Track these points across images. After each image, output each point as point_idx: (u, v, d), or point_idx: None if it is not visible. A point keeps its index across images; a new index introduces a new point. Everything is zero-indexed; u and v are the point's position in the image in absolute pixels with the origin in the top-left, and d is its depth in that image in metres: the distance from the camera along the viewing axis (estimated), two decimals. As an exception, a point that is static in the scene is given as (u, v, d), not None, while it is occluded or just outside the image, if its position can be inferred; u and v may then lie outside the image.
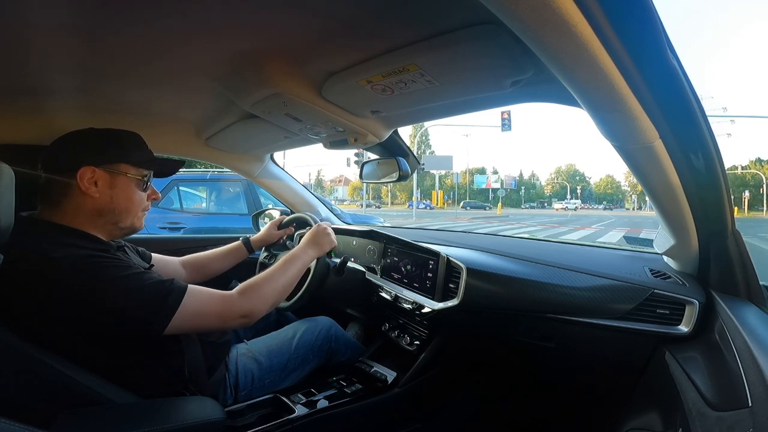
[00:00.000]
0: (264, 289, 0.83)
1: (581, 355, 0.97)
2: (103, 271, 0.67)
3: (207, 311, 0.75)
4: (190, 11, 0.58)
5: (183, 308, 0.70)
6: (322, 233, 1.05)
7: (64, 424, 0.60)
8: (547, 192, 68.93)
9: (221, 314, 0.76)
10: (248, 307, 0.80)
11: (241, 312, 0.79)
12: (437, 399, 1.21)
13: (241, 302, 0.79)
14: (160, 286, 0.71)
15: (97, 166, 0.74)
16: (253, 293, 0.82)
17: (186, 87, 0.91)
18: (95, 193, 0.74)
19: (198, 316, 0.73)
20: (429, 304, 1.04)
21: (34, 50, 0.70)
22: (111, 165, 0.76)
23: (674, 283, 0.82)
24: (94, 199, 0.74)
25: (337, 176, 74.31)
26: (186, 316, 0.71)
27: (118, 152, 0.78)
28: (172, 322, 0.69)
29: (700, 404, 0.55)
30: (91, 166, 0.74)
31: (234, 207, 3.93)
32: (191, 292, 0.73)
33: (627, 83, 0.46)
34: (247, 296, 0.80)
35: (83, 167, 0.73)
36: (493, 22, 0.53)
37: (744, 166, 49.07)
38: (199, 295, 0.75)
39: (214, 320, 0.76)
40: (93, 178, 0.74)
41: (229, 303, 0.78)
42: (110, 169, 0.76)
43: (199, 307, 0.73)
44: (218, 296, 0.77)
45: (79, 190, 0.73)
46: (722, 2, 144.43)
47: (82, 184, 0.73)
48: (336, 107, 0.88)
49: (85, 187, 0.73)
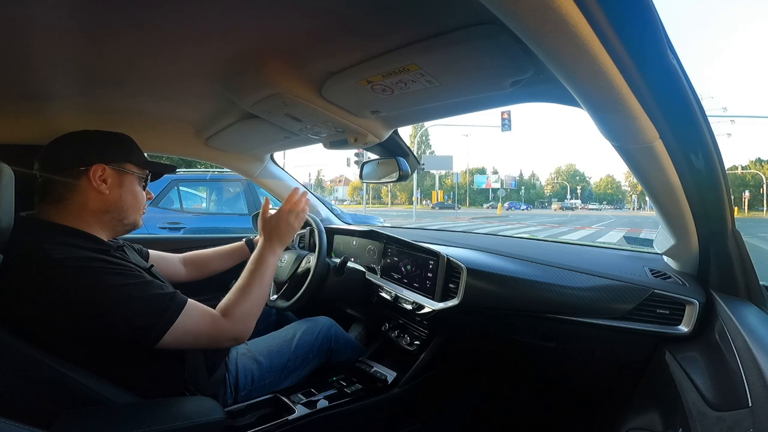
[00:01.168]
0: (247, 307, 0.82)
1: (581, 355, 0.97)
2: (105, 276, 0.67)
3: (199, 331, 0.74)
4: (190, 12, 0.58)
5: (176, 326, 0.70)
6: (283, 219, 0.95)
7: (64, 424, 0.60)
8: (547, 192, 68.96)
9: (212, 336, 0.76)
10: (238, 331, 0.80)
11: (231, 336, 0.80)
12: (437, 399, 1.21)
13: (230, 326, 0.79)
14: (159, 299, 0.71)
15: (107, 164, 0.77)
16: (239, 315, 0.80)
17: (186, 87, 0.91)
18: (105, 190, 0.76)
19: (190, 335, 0.73)
20: (429, 304, 1.04)
21: (34, 52, 0.70)
22: (119, 163, 0.79)
23: (674, 283, 0.82)
24: (102, 197, 0.76)
25: (337, 176, 74.40)
26: (178, 334, 0.70)
27: (122, 152, 0.81)
28: (164, 339, 0.69)
29: (700, 404, 0.55)
30: (101, 164, 0.76)
31: (234, 207, 3.94)
32: (188, 311, 0.73)
33: (627, 83, 0.46)
34: (234, 320, 0.79)
35: (95, 165, 0.75)
36: (493, 22, 0.53)
37: (744, 166, 49.12)
38: (195, 315, 0.74)
39: (204, 340, 0.76)
40: (103, 175, 0.76)
41: (219, 326, 0.77)
42: (118, 168, 0.79)
43: (193, 327, 0.73)
44: (209, 318, 0.77)
45: (87, 187, 0.75)
46: (722, 2, 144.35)
47: (93, 181, 0.75)
48: (336, 107, 0.88)
49: (97, 184, 0.75)
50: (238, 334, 0.80)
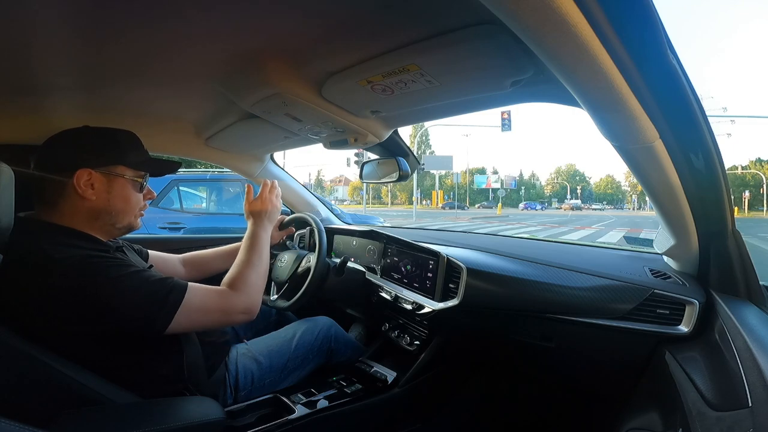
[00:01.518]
0: (252, 278, 0.83)
1: (581, 355, 0.97)
2: (105, 270, 0.67)
3: (209, 308, 0.75)
4: (191, 12, 0.58)
5: (185, 306, 0.70)
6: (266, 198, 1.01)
7: (64, 424, 0.60)
8: (547, 192, 68.96)
9: (223, 310, 0.77)
10: (247, 301, 0.80)
11: (242, 308, 0.79)
12: (437, 399, 1.21)
13: (238, 297, 0.79)
14: (161, 284, 0.71)
15: (94, 168, 0.74)
16: (245, 286, 0.81)
17: (186, 87, 0.91)
18: (92, 196, 0.73)
19: (200, 312, 0.73)
20: (429, 304, 1.04)
21: (35, 51, 0.70)
22: (108, 167, 0.76)
23: (674, 283, 0.82)
24: (90, 202, 0.74)
25: (337, 176, 74.38)
26: (188, 313, 0.71)
27: (115, 154, 0.77)
28: (174, 320, 0.69)
29: (700, 404, 0.55)
30: (87, 168, 0.73)
31: (234, 207, 3.94)
32: (192, 290, 0.73)
33: (627, 83, 0.46)
34: (241, 290, 0.80)
35: (80, 170, 0.72)
36: (493, 22, 0.53)
37: (744, 166, 49.13)
38: (200, 292, 0.75)
39: (216, 316, 0.76)
40: (90, 180, 0.73)
41: (228, 298, 0.78)
42: (107, 172, 0.75)
43: (201, 304, 0.73)
44: (215, 292, 0.77)
45: (75, 191, 0.72)
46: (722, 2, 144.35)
47: (78, 186, 0.72)
48: (336, 107, 0.88)
49: (82, 189, 0.72)
50: (248, 305, 0.80)
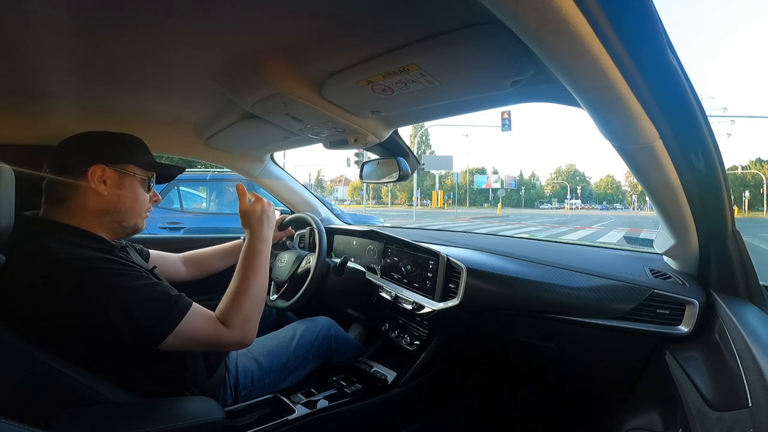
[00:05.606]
0: (246, 311, 0.78)
1: (581, 355, 0.97)
2: (111, 278, 0.67)
3: (201, 336, 0.73)
4: (190, 12, 0.58)
5: (180, 328, 0.69)
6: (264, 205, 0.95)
7: (64, 424, 0.60)
8: (547, 192, 68.98)
9: (214, 341, 0.75)
10: (240, 338, 0.77)
11: (234, 342, 0.77)
12: (437, 399, 1.21)
13: (232, 333, 0.75)
14: (165, 301, 0.70)
15: (107, 164, 0.76)
16: (239, 321, 0.76)
17: (186, 87, 0.91)
18: (104, 191, 0.75)
19: (192, 337, 0.71)
20: (429, 304, 1.04)
21: (35, 51, 0.70)
22: (120, 165, 0.78)
23: (674, 283, 0.82)
24: (101, 197, 0.75)
25: (337, 176, 74.44)
26: (182, 336, 0.69)
27: (125, 153, 0.80)
28: (167, 340, 0.68)
29: (700, 404, 0.55)
30: (101, 164, 0.75)
31: (234, 207, 3.92)
32: (192, 314, 0.71)
33: (627, 83, 0.46)
34: (235, 326, 0.76)
35: (94, 165, 0.74)
36: (493, 22, 0.53)
37: (744, 166, 49.16)
38: (199, 318, 0.73)
39: (208, 344, 0.75)
40: (102, 176, 0.75)
41: (221, 333, 0.75)
42: (119, 169, 0.78)
43: (195, 331, 0.72)
44: (212, 324, 0.75)
45: (87, 188, 0.74)
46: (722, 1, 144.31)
47: (92, 181, 0.74)
48: (336, 107, 0.88)
49: (95, 184, 0.74)
50: (241, 339, 0.78)
